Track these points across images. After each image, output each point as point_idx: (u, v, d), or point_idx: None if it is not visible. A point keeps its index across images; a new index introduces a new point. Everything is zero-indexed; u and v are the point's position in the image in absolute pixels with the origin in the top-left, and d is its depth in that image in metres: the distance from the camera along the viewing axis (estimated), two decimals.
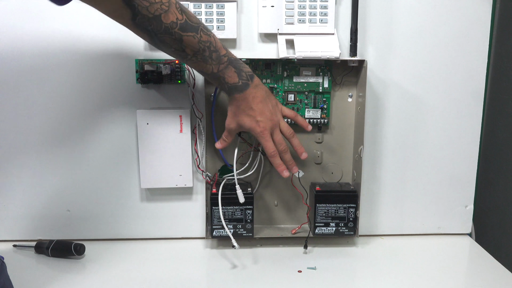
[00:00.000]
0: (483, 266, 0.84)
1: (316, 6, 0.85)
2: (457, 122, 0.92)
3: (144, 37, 0.71)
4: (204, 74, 0.78)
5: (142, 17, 0.68)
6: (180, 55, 0.73)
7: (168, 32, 0.69)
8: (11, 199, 0.90)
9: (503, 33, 0.99)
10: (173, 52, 0.73)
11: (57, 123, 0.87)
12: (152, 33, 0.69)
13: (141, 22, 0.68)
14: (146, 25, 0.68)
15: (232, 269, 0.81)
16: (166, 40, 0.70)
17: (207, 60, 0.73)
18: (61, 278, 0.78)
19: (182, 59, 0.74)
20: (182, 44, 0.71)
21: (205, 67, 0.74)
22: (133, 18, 0.68)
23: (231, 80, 0.76)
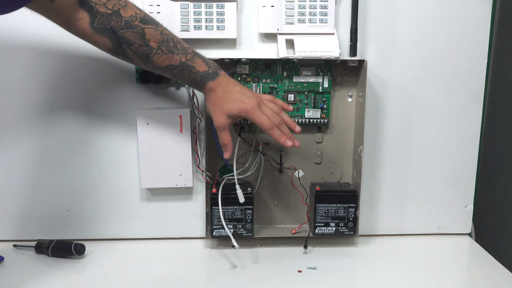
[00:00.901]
0: (483, 266, 0.84)
1: (316, 6, 0.85)
2: (457, 122, 0.92)
3: (104, 43, 0.69)
4: (173, 68, 0.73)
5: (101, 16, 0.67)
6: (145, 54, 0.70)
7: (129, 26, 0.68)
8: (11, 199, 0.90)
9: (503, 33, 0.99)
10: (137, 52, 0.70)
11: (57, 123, 0.87)
12: (112, 32, 0.68)
13: (100, 22, 0.67)
14: (106, 24, 0.67)
15: (232, 269, 0.81)
16: (128, 36, 0.68)
17: (173, 50, 0.71)
18: (61, 278, 0.78)
19: (147, 59, 0.71)
20: (145, 38, 0.69)
21: (173, 58, 0.71)
22: (91, 22, 0.67)
23: (201, 69, 0.74)
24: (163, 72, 0.74)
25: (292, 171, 0.92)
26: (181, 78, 0.75)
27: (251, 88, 0.88)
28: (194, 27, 0.84)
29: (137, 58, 0.71)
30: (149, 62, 0.71)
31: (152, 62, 0.71)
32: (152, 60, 0.71)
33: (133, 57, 0.71)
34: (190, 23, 0.83)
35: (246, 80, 0.88)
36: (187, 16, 0.83)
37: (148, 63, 0.71)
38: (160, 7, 0.83)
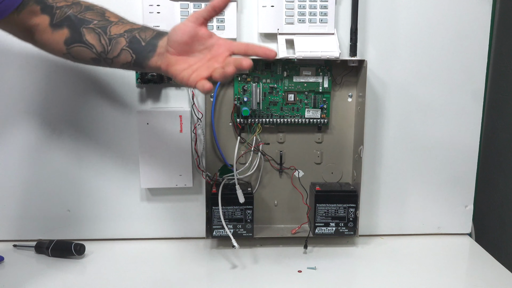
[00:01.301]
0: (483, 266, 0.84)
1: (316, 6, 0.85)
2: (457, 122, 0.92)
3: (61, 37, 0.67)
4: (133, 30, 0.68)
5: (60, 9, 0.67)
6: (103, 26, 0.67)
7: (89, 8, 0.68)
8: (11, 199, 0.90)
9: (503, 33, 0.99)
10: (95, 28, 0.67)
11: (58, 123, 0.87)
12: (70, 19, 0.66)
13: (59, 16, 0.66)
14: (64, 13, 0.66)
15: (232, 269, 0.81)
16: (88, 16, 0.67)
17: (132, 21, 0.69)
18: (61, 278, 0.78)
19: (104, 32, 0.67)
20: (105, 15, 0.68)
21: (133, 24, 0.69)
22: (51, 21, 0.66)
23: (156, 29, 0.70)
24: (117, 43, 0.67)
25: (292, 171, 0.92)
26: (141, 38, 0.68)
27: (251, 88, 0.88)
28: None
29: (93, 35, 0.67)
30: (106, 34, 0.67)
31: (109, 33, 0.68)
32: (110, 30, 0.68)
33: (88, 38, 0.67)
34: None
35: (246, 80, 0.88)
36: (186, 16, 0.83)
37: (104, 36, 0.67)
38: (160, 7, 0.83)
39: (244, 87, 0.88)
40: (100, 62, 0.69)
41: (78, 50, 0.68)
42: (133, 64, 0.68)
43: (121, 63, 0.69)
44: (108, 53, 0.68)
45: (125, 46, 0.67)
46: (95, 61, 0.69)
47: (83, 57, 0.69)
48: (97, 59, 0.69)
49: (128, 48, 0.68)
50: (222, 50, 0.65)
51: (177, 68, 0.65)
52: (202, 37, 0.65)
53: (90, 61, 0.69)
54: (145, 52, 0.67)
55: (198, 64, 0.65)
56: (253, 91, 0.88)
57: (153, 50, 0.67)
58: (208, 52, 0.65)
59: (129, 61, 0.68)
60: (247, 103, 0.88)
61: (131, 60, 0.68)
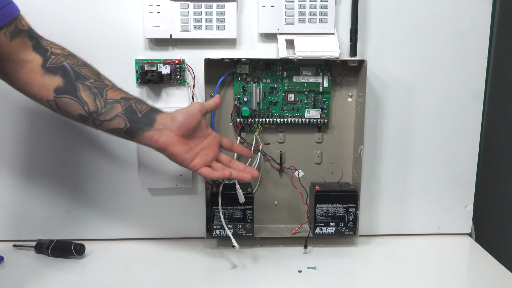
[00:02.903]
0: (483, 266, 0.84)
1: (316, 6, 0.85)
2: (457, 122, 0.92)
3: (52, 83, 0.67)
4: (129, 99, 0.71)
5: (56, 56, 0.68)
6: (100, 87, 0.69)
7: (86, 65, 0.71)
8: (11, 199, 0.90)
9: (503, 33, 0.99)
10: (91, 87, 0.68)
11: (58, 123, 0.87)
12: (66, 69, 0.68)
13: (54, 62, 0.68)
14: (60, 62, 0.68)
15: (232, 269, 0.81)
16: (84, 72, 0.69)
17: (126, 90, 0.72)
18: (61, 278, 0.78)
19: (100, 93, 0.69)
20: (101, 76, 0.71)
21: (127, 93, 0.72)
22: (44, 63, 0.67)
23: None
24: (113, 108, 0.69)
25: (292, 171, 0.92)
26: (137, 109, 0.70)
27: (251, 88, 0.88)
28: (194, 27, 0.84)
29: (89, 94, 0.68)
30: (102, 96, 0.69)
31: (105, 96, 0.69)
32: (106, 93, 0.69)
33: (83, 94, 0.68)
34: (190, 23, 0.83)
35: (246, 80, 0.88)
36: (187, 16, 0.83)
37: (100, 98, 0.69)
38: (160, 7, 0.83)
39: (244, 87, 0.88)
40: (87, 121, 0.70)
41: (67, 102, 0.68)
42: (124, 132, 0.70)
43: (110, 128, 0.70)
44: (100, 114, 0.69)
45: (120, 113, 0.69)
46: (82, 118, 0.69)
47: (70, 110, 0.69)
48: (85, 117, 0.69)
49: (123, 115, 0.69)
50: (214, 142, 0.75)
51: (178, 149, 0.70)
52: (202, 126, 0.73)
53: (75, 116, 0.69)
54: (141, 124, 0.70)
55: (197, 149, 0.72)
56: (253, 91, 0.88)
57: (149, 124, 0.70)
58: (205, 139, 0.74)
59: (121, 127, 0.69)
60: (247, 103, 0.88)
61: (124, 127, 0.69)
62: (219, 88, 0.88)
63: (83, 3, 0.83)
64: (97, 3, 0.83)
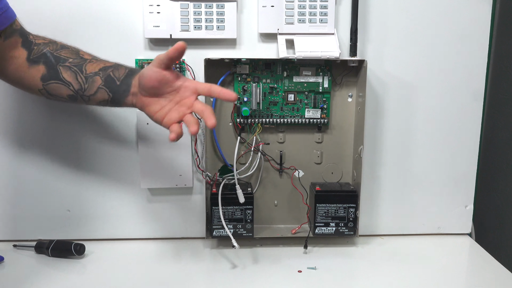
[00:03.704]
0: (483, 266, 0.84)
1: (316, 6, 0.85)
2: (457, 122, 0.92)
3: (37, 72, 0.70)
4: (107, 68, 0.71)
5: (38, 46, 0.70)
6: (79, 65, 0.70)
7: (65, 47, 0.73)
8: (11, 199, 0.90)
9: (503, 33, 0.99)
10: (71, 66, 0.70)
11: (57, 123, 0.87)
12: (47, 56, 0.70)
13: (36, 52, 0.70)
14: (41, 50, 0.70)
15: (232, 269, 0.81)
16: (63, 54, 0.71)
17: (104, 59, 0.73)
18: (61, 278, 0.78)
19: (80, 70, 0.70)
20: (79, 53, 0.72)
21: (106, 62, 0.72)
22: (28, 56, 0.70)
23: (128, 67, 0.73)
24: (94, 82, 0.70)
25: (292, 171, 0.92)
26: (115, 77, 0.71)
27: (251, 88, 0.88)
28: (194, 27, 0.84)
29: (70, 73, 0.70)
30: (82, 72, 0.70)
31: (85, 71, 0.71)
32: (85, 69, 0.71)
33: (65, 75, 0.70)
34: (190, 23, 0.84)
35: (246, 80, 0.88)
36: (187, 16, 0.83)
37: (80, 74, 0.70)
38: (160, 7, 0.83)
39: (244, 87, 0.88)
40: (77, 99, 0.72)
41: (54, 87, 0.71)
42: (110, 102, 0.72)
43: (98, 101, 0.72)
44: (85, 90, 0.71)
45: (101, 85, 0.71)
46: (72, 98, 0.72)
47: (59, 94, 0.72)
48: (74, 96, 0.71)
49: (104, 86, 0.71)
50: (188, 93, 0.69)
51: (150, 110, 0.70)
52: (169, 80, 0.69)
53: (66, 98, 0.72)
54: (121, 91, 0.71)
55: (168, 106, 0.70)
56: (253, 91, 0.88)
57: (127, 90, 0.71)
58: (177, 93, 0.70)
59: (106, 98, 0.72)
60: (247, 103, 0.88)
61: (108, 98, 0.71)
62: None
63: (83, 3, 0.83)
64: (97, 3, 0.83)
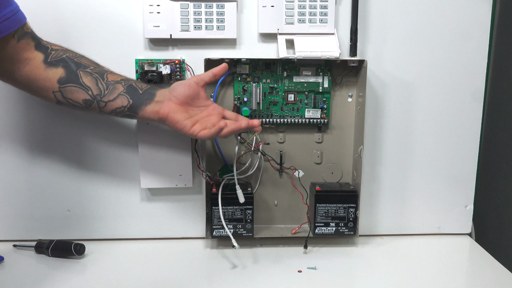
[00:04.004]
0: (483, 266, 0.84)
1: (316, 6, 0.85)
2: (457, 122, 0.92)
3: (55, 74, 0.71)
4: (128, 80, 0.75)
5: (56, 51, 0.73)
6: (100, 72, 0.73)
7: (84, 56, 0.75)
8: (11, 199, 0.90)
9: (503, 33, 0.99)
10: (92, 73, 0.73)
11: (57, 123, 0.87)
12: (67, 61, 0.72)
13: (55, 56, 0.72)
14: (60, 55, 0.72)
15: (232, 269, 0.81)
16: (84, 61, 0.74)
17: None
18: (61, 278, 0.78)
19: (101, 77, 0.73)
20: (99, 65, 0.75)
21: (125, 77, 0.76)
22: (45, 58, 0.71)
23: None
24: (115, 89, 0.73)
25: (292, 171, 0.92)
26: (138, 87, 0.75)
27: (251, 88, 0.88)
28: (194, 27, 0.84)
29: (90, 79, 0.72)
30: (103, 79, 0.73)
31: (106, 79, 0.74)
32: (107, 77, 0.74)
33: (85, 80, 0.72)
34: (190, 23, 0.84)
35: (246, 80, 0.88)
36: (187, 16, 0.83)
37: (101, 81, 0.73)
38: (160, 7, 0.83)
39: (244, 87, 0.88)
40: (92, 105, 0.74)
41: (71, 90, 0.73)
42: (128, 109, 0.74)
43: (115, 107, 0.74)
44: (104, 96, 0.73)
45: (122, 92, 0.74)
46: (87, 103, 0.73)
47: (75, 98, 0.73)
48: (90, 101, 0.73)
49: (125, 94, 0.74)
50: (216, 112, 0.76)
51: (178, 116, 0.73)
52: (201, 97, 0.76)
53: (80, 103, 0.74)
54: (143, 99, 0.74)
55: (197, 117, 0.75)
56: (253, 91, 0.88)
57: (150, 98, 0.74)
58: (205, 109, 0.76)
59: (125, 105, 0.74)
60: (247, 103, 0.88)
61: (127, 104, 0.74)
62: (219, 88, 0.88)
63: (83, 3, 0.83)
64: (97, 3, 0.83)
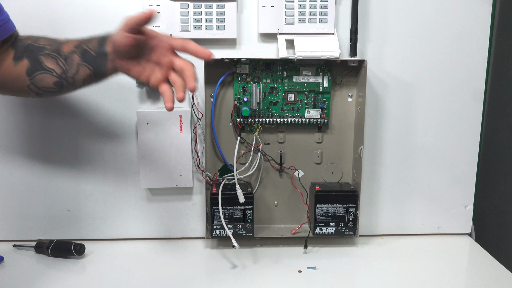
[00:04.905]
0: (483, 266, 0.84)
1: (316, 6, 0.85)
2: (457, 122, 0.92)
3: (22, 68, 0.70)
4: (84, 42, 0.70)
5: (21, 41, 0.71)
6: (56, 49, 0.70)
7: (43, 37, 0.72)
8: (11, 199, 0.90)
9: (503, 33, 0.99)
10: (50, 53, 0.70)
11: (57, 123, 0.87)
12: (29, 48, 0.70)
13: (20, 47, 0.70)
14: (23, 44, 0.70)
15: (232, 269, 0.81)
16: (42, 42, 0.71)
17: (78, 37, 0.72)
18: (61, 278, 0.78)
19: (58, 53, 0.70)
20: (55, 39, 0.72)
21: (80, 38, 0.71)
22: (15, 54, 0.70)
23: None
24: (73, 60, 0.69)
25: (292, 171, 0.92)
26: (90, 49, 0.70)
27: (251, 88, 0.88)
28: (194, 27, 0.84)
29: (51, 60, 0.70)
30: (60, 55, 0.70)
31: (63, 53, 0.70)
32: (62, 51, 0.70)
33: (47, 63, 0.70)
34: (190, 23, 0.84)
35: (246, 80, 0.88)
36: (187, 16, 0.83)
37: (59, 58, 0.70)
38: (160, 7, 0.83)
39: (244, 87, 0.88)
40: (63, 85, 0.71)
41: (40, 78, 0.70)
42: (94, 76, 0.71)
43: (82, 79, 0.71)
44: (67, 72, 0.70)
45: (80, 62, 0.70)
46: (58, 85, 0.71)
47: (46, 84, 0.71)
48: (60, 82, 0.71)
49: (83, 62, 0.70)
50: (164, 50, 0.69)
51: (134, 73, 0.69)
52: (142, 41, 0.67)
53: (53, 87, 0.71)
54: (99, 61, 0.70)
55: (149, 66, 0.69)
56: (253, 91, 0.88)
57: (105, 59, 0.70)
58: (153, 53, 0.69)
59: (88, 73, 0.70)
60: (247, 103, 0.88)
61: (90, 72, 0.70)
62: (219, 88, 0.88)
63: (83, 3, 0.83)
64: (97, 3, 0.83)
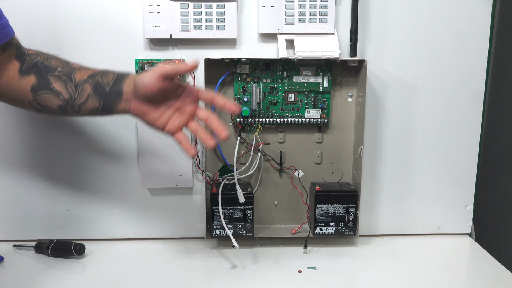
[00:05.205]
0: (483, 266, 0.84)
1: (316, 6, 0.85)
2: (457, 122, 0.92)
3: (27, 83, 0.68)
4: (96, 74, 0.70)
5: (29, 56, 0.70)
6: (68, 73, 0.69)
7: (54, 56, 0.71)
8: (11, 199, 0.90)
9: (503, 33, 0.99)
10: (60, 75, 0.69)
11: (58, 123, 0.87)
12: (38, 66, 0.69)
13: (28, 63, 0.69)
14: (32, 60, 0.69)
15: (232, 269, 0.81)
16: (53, 63, 0.70)
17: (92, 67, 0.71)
18: (61, 278, 0.78)
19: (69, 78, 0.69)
20: (68, 62, 0.71)
21: (94, 69, 0.71)
22: (20, 67, 0.68)
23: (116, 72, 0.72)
24: (83, 90, 0.69)
25: (292, 171, 0.92)
26: (104, 83, 0.69)
27: (251, 88, 0.88)
28: (194, 27, 0.84)
29: (59, 83, 0.69)
30: (71, 81, 0.69)
31: (74, 79, 0.69)
32: (74, 77, 0.69)
33: (55, 85, 0.69)
34: (190, 23, 0.84)
35: (246, 80, 0.88)
36: (187, 16, 0.83)
37: (70, 83, 0.69)
38: (160, 7, 0.83)
39: (244, 87, 0.88)
40: (67, 110, 0.70)
41: (45, 98, 0.69)
42: (101, 109, 0.70)
43: (89, 109, 0.70)
44: (75, 99, 0.69)
45: (91, 93, 0.69)
46: (62, 109, 0.70)
47: (49, 104, 0.69)
48: (64, 107, 0.69)
49: (94, 94, 0.69)
50: (189, 99, 0.68)
51: (150, 118, 0.68)
52: (170, 89, 0.67)
53: (56, 109, 0.70)
54: (111, 98, 0.69)
55: (168, 113, 0.68)
56: (253, 91, 0.88)
57: (119, 97, 0.69)
58: (178, 100, 0.68)
59: (96, 106, 0.69)
60: (247, 103, 0.88)
61: (98, 105, 0.69)
62: (219, 88, 0.88)
63: (83, 3, 0.83)
64: (97, 3, 0.83)
